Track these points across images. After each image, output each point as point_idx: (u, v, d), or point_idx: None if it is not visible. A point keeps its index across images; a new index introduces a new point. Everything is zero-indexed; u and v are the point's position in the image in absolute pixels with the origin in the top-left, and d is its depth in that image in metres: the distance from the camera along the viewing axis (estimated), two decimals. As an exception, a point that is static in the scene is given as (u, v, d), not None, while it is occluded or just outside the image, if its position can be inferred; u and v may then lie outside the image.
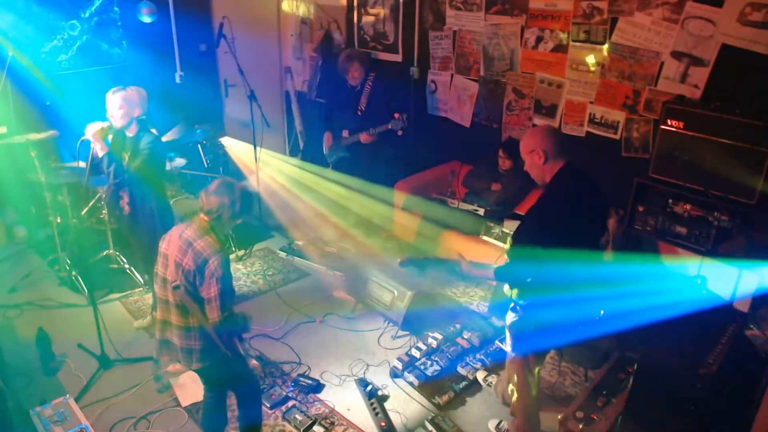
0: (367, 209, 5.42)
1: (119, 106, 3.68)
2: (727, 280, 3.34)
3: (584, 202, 2.79)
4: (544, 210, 2.77)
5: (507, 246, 2.88)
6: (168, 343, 2.82)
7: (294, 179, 6.05)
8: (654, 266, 3.73)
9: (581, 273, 2.66)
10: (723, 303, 3.21)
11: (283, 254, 5.28)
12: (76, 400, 3.38)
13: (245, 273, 5.03)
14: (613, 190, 3.91)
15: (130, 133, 3.79)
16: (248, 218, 2.95)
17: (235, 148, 6.06)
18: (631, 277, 2.90)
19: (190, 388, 3.56)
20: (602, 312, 2.93)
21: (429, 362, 3.83)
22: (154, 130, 3.91)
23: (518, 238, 2.79)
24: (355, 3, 5.90)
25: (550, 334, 2.86)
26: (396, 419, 3.44)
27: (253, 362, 3.82)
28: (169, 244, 2.72)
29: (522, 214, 4.61)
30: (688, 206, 3.54)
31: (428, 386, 3.67)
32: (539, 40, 4.62)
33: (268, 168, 6.17)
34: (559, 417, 3.16)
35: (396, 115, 4.93)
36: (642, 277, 2.96)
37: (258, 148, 5.55)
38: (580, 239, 2.70)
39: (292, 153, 6.97)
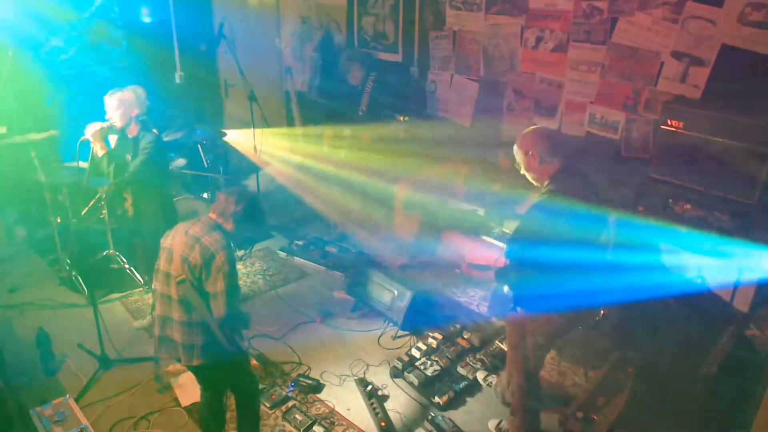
0: (368, 208, 5.41)
1: (116, 107, 3.69)
2: (727, 280, 3.34)
3: (581, 202, 2.79)
4: (541, 211, 2.77)
5: (506, 247, 2.89)
6: (168, 339, 2.81)
7: (295, 172, 5.98)
8: (654, 265, 3.72)
9: (580, 272, 2.67)
10: (723, 303, 3.21)
11: (283, 254, 5.28)
12: (76, 400, 3.39)
13: (245, 273, 5.03)
14: (613, 190, 3.93)
15: (130, 134, 3.79)
16: (253, 229, 2.97)
17: (237, 140, 6.00)
18: (631, 276, 2.90)
19: (190, 388, 3.55)
20: (602, 312, 2.94)
21: (429, 362, 3.83)
22: (155, 130, 3.92)
23: (517, 239, 2.79)
24: (355, 3, 5.90)
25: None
26: (396, 419, 3.44)
27: (253, 362, 3.82)
28: (174, 240, 2.74)
29: (521, 214, 4.61)
30: (688, 206, 3.54)
31: (428, 386, 3.67)
32: (539, 40, 4.61)
33: (272, 160, 6.08)
34: (559, 417, 3.16)
35: (399, 118, 4.95)
36: (641, 277, 2.96)
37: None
38: (578, 239, 2.70)
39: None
